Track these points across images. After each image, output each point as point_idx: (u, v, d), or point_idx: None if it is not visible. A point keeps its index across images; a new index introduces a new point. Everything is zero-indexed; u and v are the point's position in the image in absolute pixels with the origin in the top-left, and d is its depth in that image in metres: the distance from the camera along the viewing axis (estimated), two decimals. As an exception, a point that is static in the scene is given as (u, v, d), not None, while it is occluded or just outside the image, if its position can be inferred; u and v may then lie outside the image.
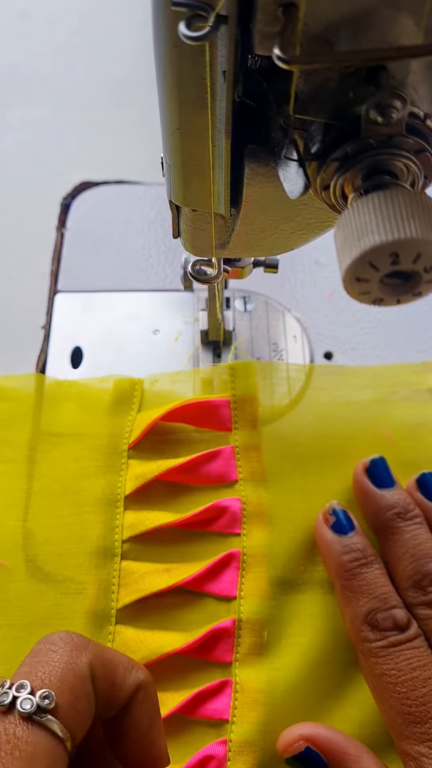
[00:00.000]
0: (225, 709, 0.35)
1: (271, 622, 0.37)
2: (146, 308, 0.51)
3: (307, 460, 0.42)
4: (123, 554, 0.39)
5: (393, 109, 0.21)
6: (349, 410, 0.44)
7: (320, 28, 0.20)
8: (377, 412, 0.44)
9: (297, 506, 0.41)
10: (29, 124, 0.63)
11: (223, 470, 0.41)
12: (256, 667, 0.36)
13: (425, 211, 0.20)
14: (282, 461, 0.42)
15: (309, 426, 0.43)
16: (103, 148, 0.61)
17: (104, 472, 0.42)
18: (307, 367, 0.46)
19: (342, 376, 0.45)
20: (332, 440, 0.43)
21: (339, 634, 0.37)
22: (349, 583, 0.36)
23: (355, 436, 0.43)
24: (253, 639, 0.37)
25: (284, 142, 0.23)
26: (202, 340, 0.48)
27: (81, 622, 0.37)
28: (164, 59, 0.23)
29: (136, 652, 0.36)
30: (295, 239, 0.32)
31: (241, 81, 0.24)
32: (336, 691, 0.36)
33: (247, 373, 0.45)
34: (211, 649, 0.37)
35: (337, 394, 0.45)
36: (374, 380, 0.45)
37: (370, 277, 0.21)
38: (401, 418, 0.43)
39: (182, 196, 0.29)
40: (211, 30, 0.19)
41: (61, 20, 0.70)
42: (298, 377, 0.45)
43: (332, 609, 0.38)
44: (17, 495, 0.42)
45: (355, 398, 0.44)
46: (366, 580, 0.35)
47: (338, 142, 0.22)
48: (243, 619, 0.37)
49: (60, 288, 0.52)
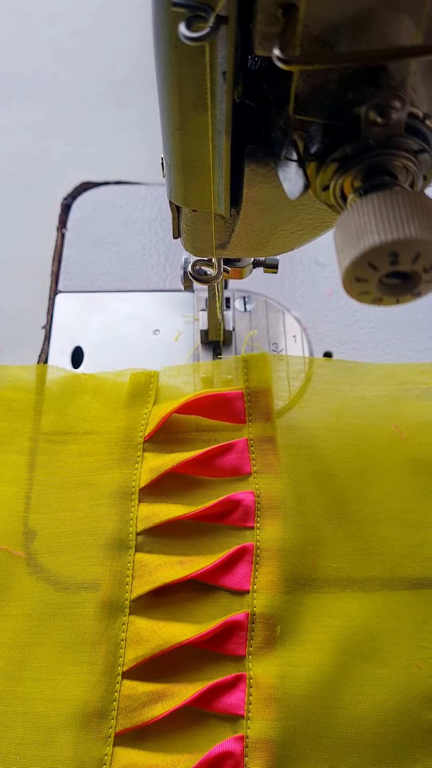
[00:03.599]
0: (240, 705, 0.35)
1: (284, 617, 0.37)
2: (146, 308, 0.51)
3: (320, 454, 0.42)
4: (137, 546, 0.39)
5: (392, 110, 0.21)
6: (362, 406, 0.44)
7: (320, 29, 0.20)
8: (389, 408, 0.44)
9: (310, 499, 0.41)
10: (30, 124, 0.63)
11: (237, 463, 0.42)
12: (269, 661, 0.36)
13: (424, 211, 0.20)
14: (295, 454, 0.42)
15: (322, 419, 0.43)
16: (103, 148, 0.61)
17: (119, 465, 0.42)
18: (321, 361, 0.46)
19: (354, 372, 0.46)
20: (345, 434, 0.43)
21: (352, 633, 0.37)
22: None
23: (368, 431, 0.43)
24: (266, 633, 0.37)
25: (284, 142, 0.23)
26: (202, 340, 0.48)
27: (94, 613, 0.38)
28: (164, 60, 0.23)
29: (150, 641, 0.36)
30: (294, 239, 0.32)
31: (241, 82, 0.24)
32: (348, 691, 0.36)
33: (260, 366, 0.45)
34: (225, 642, 0.37)
35: (349, 389, 0.45)
36: (386, 377, 0.45)
37: (369, 277, 0.21)
38: (412, 416, 0.44)
39: (182, 196, 0.29)
40: (211, 31, 0.20)
41: (63, 21, 0.70)
42: (312, 370, 0.46)
43: (345, 607, 0.38)
44: (32, 487, 0.42)
45: (367, 394, 0.44)
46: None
47: (338, 142, 0.22)
48: (256, 613, 0.37)
49: (61, 288, 0.52)
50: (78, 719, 0.35)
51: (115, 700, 0.35)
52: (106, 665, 0.36)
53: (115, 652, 0.36)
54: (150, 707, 0.35)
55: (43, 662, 0.37)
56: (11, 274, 0.54)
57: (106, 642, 0.37)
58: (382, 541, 0.40)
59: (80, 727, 0.35)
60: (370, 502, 0.41)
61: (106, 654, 0.36)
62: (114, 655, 0.36)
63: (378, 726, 0.35)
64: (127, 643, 0.37)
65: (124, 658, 0.36)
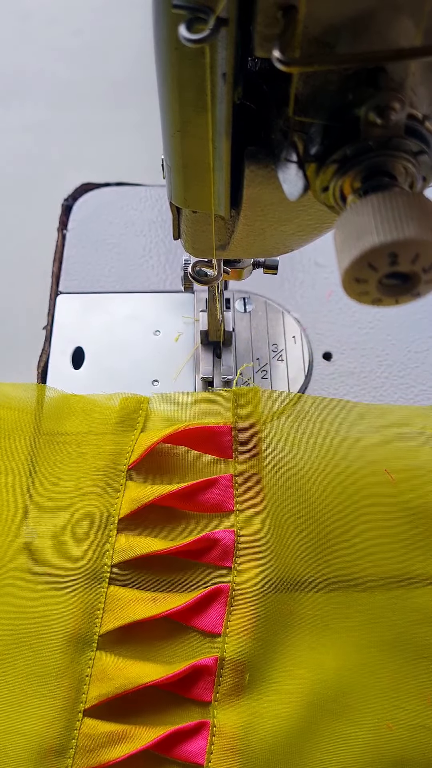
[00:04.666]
0: (201, 753, 0.34)
1: (254, 665, 0.36)
2: (147, 309, 0.51)
3: (306, 496, 0.41)
4: (111, 579, 0.38)
5: (392, 111, 0.21)
6: (352, 448, 0.42)
7: (320, 31, 0.20)
8: (381, 451, 0.42)
9: (291, 542, 0.39)
10: (31, 125, 0.63)
11: (219, 499, 0.40)
12: (235, 710, 0.35)
13: (424, 212, 0.20)
14: (280, 494, 0.41)
15: (310, 460, 0.42)
16: (104, 150, 0.61)
17: (101, 492, 0.41)
18: (314, 399, 0.45)
19: (347, 411, 0.44)
20: (333, 476, 0.42)
21: (323, 686, 0.36)
22: None
23: (357, 474, 0.42)
24: (235, 680, 0.36)
25: (284, 144, 0.24)
26: (202, 341, 0.48)
27: (61, 645, 0.37)
28: (165, 61, 0.23)
29: (115, 679, 0.36)
30: (294, 240, 0.32)
31: (241, 83, 0.24)
32: (314, 748, 0.35)
33: (251, 400, 0.43)
34: (191, 686, 0.36)
35: (341, 430, 0.43)
36: (380, 418, 0.44)
37: (369, 277, 0.21)
38: (405, 461, 0.42)
39: (183, 197, 0.29)
40: (211, 32, 0.20)
41: (63, 22, 0.70)
42: (304, 408, 0.44)
43: (318, 658, 0.37)
44: (14, 510, 0.41)
45: (359, 435, 0.43)
46: None
47: (337, 143, 0.22)
48: (226, 658, 0.36)
49: (61, 289, 0.52)
50: (34, 755, 0.34)
51: (73, 738, 0.34)
52: (68, 701, 0.35)
53: (79, 687, 0.36)
54: (109, 749, 0.34)
55: (5, 692, 0.36)
56: (12, 275, 0.54)
57: (70, 677, 0.36)
58: (363, 591, 0.38)
59: (35, 764, 0.34)
60: (353, 548, 0.40)
61: (69, 689, 0.36)
62: (77, 691, 0.36)
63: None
64: (91, 679, 0.36)
65: (87, 695, 0.35)
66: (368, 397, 0.48)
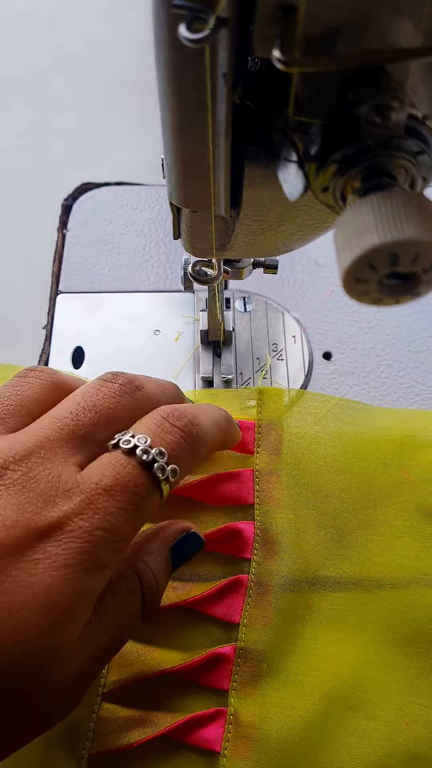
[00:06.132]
0: (217, 740, 0.34)
1: (272, 656, 0.37)
2: (147, 308, 0.51)
3: (326, 494, 0.41)
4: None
5: (392, 111, 0.21)
6: (371, 449, 0.43)
7: (319, 31, 0.20)
8: (399, 454, 0.43)
9: (310, 538, 0.40)
10: (30, 125, 0.63)
11: (239, 492, 0.41)
12: (252, 699, 0.36)
13: (424, 212, 0.20)
14: (300, 491, 0.41)
15: (330, 459, 0.42)
16: (104, 149, 0.61)
17: None
18: (336, 399, 0.45)
19: (367, 414, 0.44)
20: (353, 476, 0.42)
21: (341, 680, 0.36)
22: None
23: (377, 475, 0.42)
24: (252, 670, 0.36)
25: (284, 144, 0.24)
26: (202, 340, 0.48)
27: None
28: (164, 61, 0.23)
29: (134, 665, 0.36)
30: (294, 240, 0.32)
31: (241, 83, 0.24)
32: (330, 740, 0.35)
33: (275, 399, 0.44)
34: (209, 674, 0.36)
35: (361, 431, 0.43)
36: (399, 423, 0.44)
37: (369, 277, 0.21)
38: (422, 463, 0.42)
39: (182, 197, 0.29)
40: (211, 32, 0.20)
41: (63, 22, 0.70)
42: (327, 407, 0.44)
43: (337, 652, 0.37)
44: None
45: (379, 438, 0.43)
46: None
47: (337, 143, 0.22)
48: (243, 648, 0.36)
49: (61, 289, 0.52)
50: (51, 737, 0.34)
51: (92, 720, 0.35)
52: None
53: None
54: (126, 733, 0.34)
55: None
56: (12, 275, 0.54)
57: None
58: (381, 588, 0.39)
59: (53, 744, 0.34)
60: (372, 545, 0.40)
61: None
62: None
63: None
64: (110, 664, 0.36)
65: (105, 679, 0.36)
66: (368, 397, 0.48)
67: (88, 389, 0.32)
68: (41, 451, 0.28)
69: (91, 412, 0.31)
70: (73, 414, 0.30)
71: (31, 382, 0.33)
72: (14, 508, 0.27)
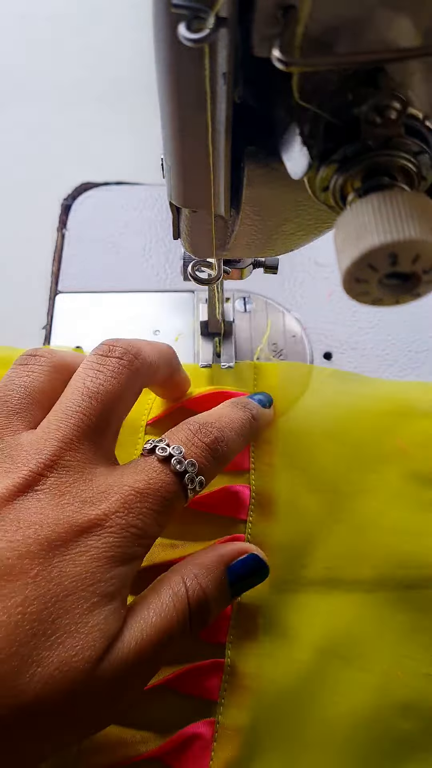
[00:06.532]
0: (215, 690, 0.36)
1: (268, 611, 0.38)
2: (147, 308, 0.51)
3: (320, 461, 0.42)
4: None
5: (392, 111, 0.21)
6: (366, 419, 0.44)
7: (319, 30, 0.20)
8: (395, 423, 0.44)
9: (305, 502, 0.41)
10: (30, 124, 0.63)
11: (236, 459, 0.42)
12: (248, 651, 0.37)
13: (424, 212, 0.20)
14: (295, 458, 0.42)
15: (324, 427, 0.43)
16: (103, 149, 0.61)
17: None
18: (330, 371, 0.46)
19: (361, 385, 0.45)
20: (347, 444, 0.43)
21: (335, 634, 0.37)
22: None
23: (371, 443, 0.43)
24: (249, 624, 0.37)
25: (287, 120, 0.23)
26: (201, 332, 0.48)
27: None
28: (164, 61, 0.23)
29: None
30: (294, 240, 0.32)
31: (241, 82, 0.24)
32: (324, 691, 0.36)
33: (270, 374, 0.45)
34: (208, 628, 0.37)
35: (355, 401, 0.45)
36: (393, 393, 0.45)
37: (369, 277, 0.21)
38: (418, 432, 0.43)
39: (182, 197, 0.29)
40: (211, 32, 0.20)
41: (62, 21, 0.70)
42: (321, 378, 0.46)
43: (331, 608, 0.38)
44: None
45: (374, 407, 0.44)
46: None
47: (337, 143, 0.22)
48: (241, 603, 0.38)
49: (61, 288, 0.52)
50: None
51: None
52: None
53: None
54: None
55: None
56: (11, 275, 0.54)
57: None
58: (376, 546, 0.40)
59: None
60: (367, 509, 0.41)
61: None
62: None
63: (349, 729, 0.35)
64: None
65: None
66: (368, 396, 0.48)
67: (89, 372, 0.34)
68: (66, 454, 0.31)
69: (97, 402, 0.32)
70: (82, 408, 0.32)
71: (35, 370, 0.35)
72: (54, 509, 0.29)
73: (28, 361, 0.35)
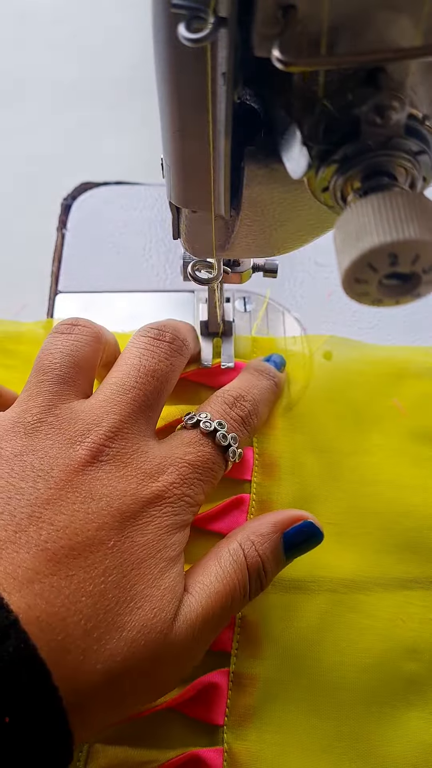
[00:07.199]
0: (228, 642, 0.37)
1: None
2: (147, 309, 0.51)
3: (319, 422, 0.44)
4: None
5: (392, 111, 0.21)
6: (362, 381, 0.45)
7: (320, 31, 0.20)
8: (389, 384, 0.45)
9: (306, 461, 0.42)
10: (30, 124, 0.63)
11: None
12: (257, 603, 0.37)
13: (424, 212, 0.20)
14: (295, 421, 0.44)
15: (324, 389, 0.45)
16: (103, 149, 0.61)
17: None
18: (325, 338, 0.48)
19: (358, 349, 0.47)
20: (344, 406, 0.44)
21: (340, 584, 0.38)
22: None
23: (368, 405, 0.44)
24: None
25: (287, 120, 0.23)
26: (201, 332, 0.48)
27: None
28: (164, 61, 0.23)
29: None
30: (294, 240, 0.32)
31: (241, 83, 0.24)
32: (331, 636, 0.37)
33: (267, 346, 0.47)
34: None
35: (352, 364, 0.46)
36: (389, 356, 0.47)
37: (369, 278, 0.21)
38: (413, 392, 0.45)
39: (182, 197, 0.29)
40: (210, 32, 0.20)
41: (62, 21, 0.70)
42: (317, 343, 0.48)
43: (335, 560, 0.39)
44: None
45: (370, 369, 0.46)
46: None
47: (337, 143, 0.22)
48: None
49: (61, 289, 0.52)
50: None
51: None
52: None
53: None
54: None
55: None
56: (11, 275, 0.54)
57: None
58: (377, 501, 0.41)
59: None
60: (367, 466, 0.42)
61: None
62: None
63: (358, 672, 0.36)
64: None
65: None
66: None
67: (143, 351, 0.36)
68: (125, 427, 0.33)
69: (153, 379, 0.35)
70: (139, 384, 0.34)
71: (80, 340, 0.36)
72: (120, 481, 0.31)
73: (72, 330, 0.36)
